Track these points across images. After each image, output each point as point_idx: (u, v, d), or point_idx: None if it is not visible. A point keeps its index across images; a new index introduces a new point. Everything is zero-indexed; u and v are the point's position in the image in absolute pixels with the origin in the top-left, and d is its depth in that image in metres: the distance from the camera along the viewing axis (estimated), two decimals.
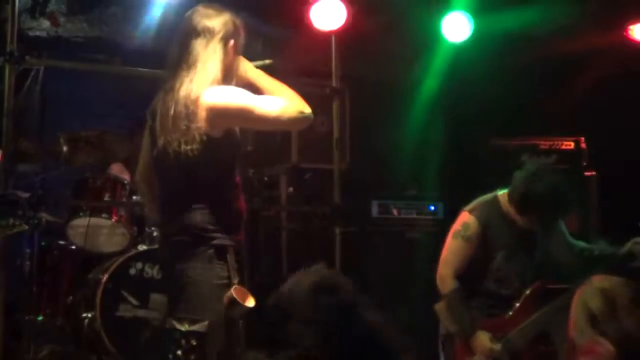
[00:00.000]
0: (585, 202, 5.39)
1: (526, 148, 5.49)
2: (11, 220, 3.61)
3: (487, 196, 3.97)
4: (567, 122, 5.78)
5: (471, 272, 3.86)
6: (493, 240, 3.86)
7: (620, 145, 5.78)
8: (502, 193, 3.94)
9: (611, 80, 5.93)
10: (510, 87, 5.88)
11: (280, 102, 2.96)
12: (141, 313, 4.54)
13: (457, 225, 3.91)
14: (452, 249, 3.88)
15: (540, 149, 5.48)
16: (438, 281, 3.85)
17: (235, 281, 2.85)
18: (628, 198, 5.67)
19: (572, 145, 5.51)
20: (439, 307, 3.82)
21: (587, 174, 5.44)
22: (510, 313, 3.81)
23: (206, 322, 2.82)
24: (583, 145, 5.49)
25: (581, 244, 4.01)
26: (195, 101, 2.87)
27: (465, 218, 3.90)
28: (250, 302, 2.80)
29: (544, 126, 5.77)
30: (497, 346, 3.70)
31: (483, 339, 3.70)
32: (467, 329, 3.72)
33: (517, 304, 3.81)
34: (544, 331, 3.80)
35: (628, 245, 3.72)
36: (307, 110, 2.99)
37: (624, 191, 5.68)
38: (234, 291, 2.78)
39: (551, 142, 5.50)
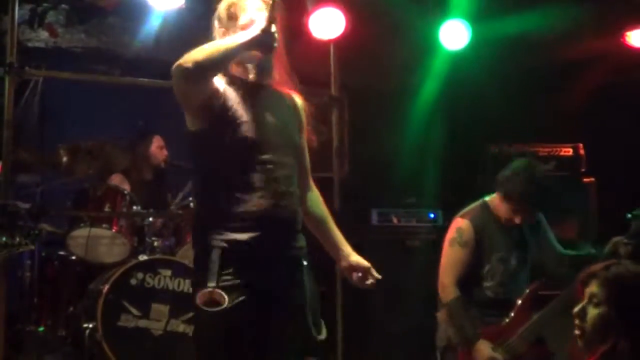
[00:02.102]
0: (584, 208, 5.41)
1: (525, 154, 5.52)
2: (17, 239, 3.61)
3: (477, 202, 4.05)
4: (566, 128, 5.79)
5: (468, 278, 3.88)
6: (488, 243, 3.91)
7: (619, 151, 5.79)
8: (489, 198, 4.02)
9: (609, 87, 5.94)
10: (508, 94, 5.89)
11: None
12: (142, 323, 4.54)
13: (451, 233, 3.96)
14: (450, 256, 3.91)
15: (538, 155, 5.49)
16: (440, 290, 3.86)
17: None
18: (627, 204, 5.67)
19: (570, 151, 5.52)
20: (441, 315, 3.82)
21: (585, 180, 5.45)
22: (507, 320, 3.83)
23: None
24: (582, 151, 5.51)
25: (567, 250, 4.09)
26: None
27: (459, 224, 3.95)
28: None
29: (542, 133, 5.78)
30: (499, 355, 3.71)
31: (484, 348, 3.70)
32: (470, 337, 3.72)
33: (515, 309, 3.83)
34: (538, 338, 3.83)
35: (609, 246, 3.81)
36: (181, 64, 2.61)
37: (623, 197, 5.68)
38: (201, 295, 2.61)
39: (550, 149, 5.52)
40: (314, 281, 2.87)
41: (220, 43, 2.72)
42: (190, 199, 5.11)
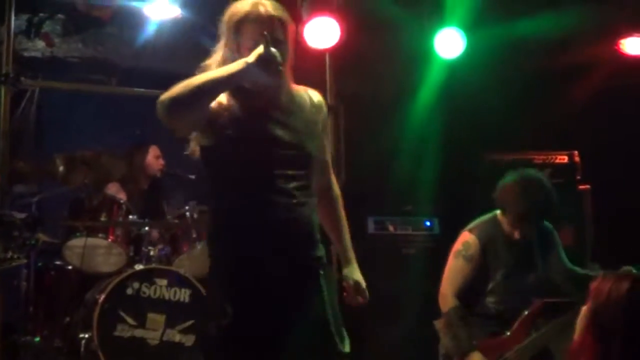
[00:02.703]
0: (579, 215, 5.41)
1: (520, 162, 5.52)
2: (9, 254, 3.62)
3: (487, 216, 4.01)
4: (561, 135, 5.80)
5: (472, 291, 3.87)
6: (493, 259, 3.88)
7: (614, 158, 5.80)
8: (500, 212, 3.96)
9: (604, 94, 5.95)
10: (504, 102, 5.90)
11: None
12: (138, 333, 4.54)
13: (458, 245, 3.93)
14: (453, 268, 3.89)
15: (534, 162, 5.50)
16: (440, 299, 3.86)
17: None
18: (622, 211, 5.69)
19: (565, 159, 5.52)
20: (439, 324, 3.81)
21: (581, 187, 5.45)
22: (508, 333, 3.82)
23: None
24: (577, 158, 5.50)
25: (576, 268, 4.06)
26: None
27: (466, 237, 3.92)
28: None
29: (537, 140, 5.79)
30: None
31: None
32: (464, 347, 3.71)
33: (516, 324, 3.82)
34: (543, 350, 3.81)
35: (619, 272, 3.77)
36: (164, 97, 2.60)
37: (618, 204, 5.70)
38: None
39: (545, 156, 5.51)
40: (334, 291, 2.82)
41: (202, 78, 2.62)
42: (187, 207, 5.11)
